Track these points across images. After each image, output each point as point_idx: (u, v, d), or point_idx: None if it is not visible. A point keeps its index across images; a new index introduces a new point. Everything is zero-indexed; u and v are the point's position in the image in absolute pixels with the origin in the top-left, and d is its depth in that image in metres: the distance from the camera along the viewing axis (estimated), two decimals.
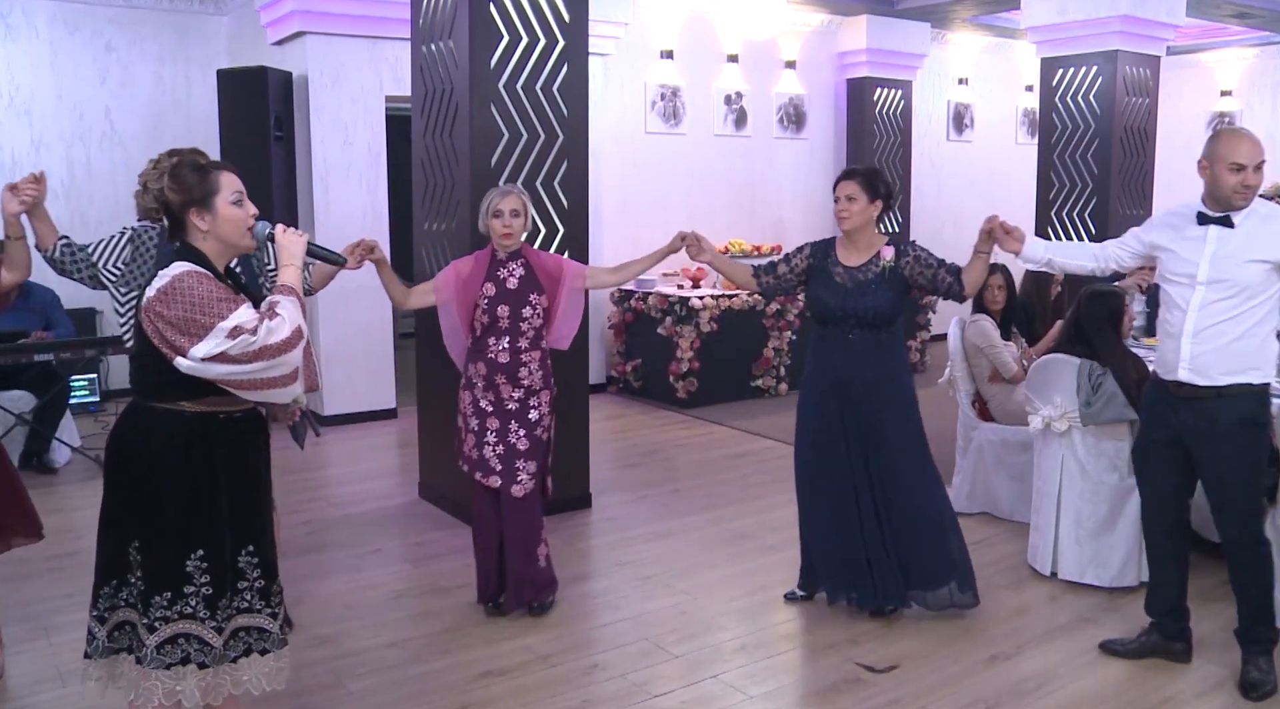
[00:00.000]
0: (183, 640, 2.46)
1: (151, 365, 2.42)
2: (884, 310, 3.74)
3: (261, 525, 2.63)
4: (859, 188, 3.76)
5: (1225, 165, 3.19)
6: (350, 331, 7.22)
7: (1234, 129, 3.30)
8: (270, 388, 2.41)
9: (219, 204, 2.49)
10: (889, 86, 9.97)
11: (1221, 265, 3.21)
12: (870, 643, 3.78)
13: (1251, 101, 11.44)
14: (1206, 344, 3.23)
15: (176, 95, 8.04)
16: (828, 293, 3.80)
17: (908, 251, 3.79)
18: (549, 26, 4.95)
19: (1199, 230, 3.28)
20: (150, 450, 2.45)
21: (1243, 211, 3.23)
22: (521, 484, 3.88)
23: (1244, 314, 3.21)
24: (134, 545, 2.46)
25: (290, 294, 2.49)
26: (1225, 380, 3.24)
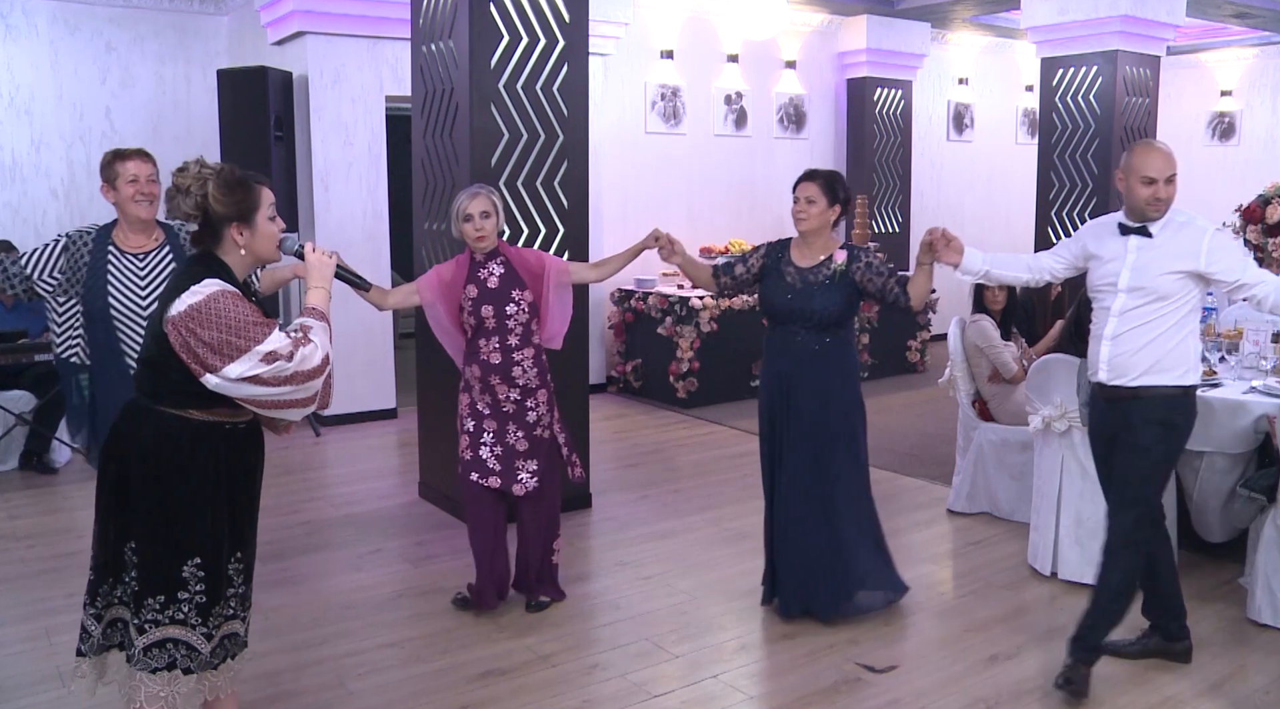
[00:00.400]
0: (170, 645, 2.46)
1: (168, 371, 2.42)
2: (831, 313, 3.75)
3: (252, 534, 2.65)
4: (819, 191, 3.78)
5: (1138, 178, 3.32)
6: (350, 331, 7.22)
7: (1148, 143, 3.42)
8: (289, 409, 2.45)
9: (259, 220, 2.50)
10: (889, 86, 9.97)
11: (1140, 274, 3.32)
12: (870, 643, 3.78)
13: (1251, 101, 11.44)
14: (1123, 346, 3.34)
15: (176, 95, 8.04)
16: (777, 293, 3.84)
17: (860, 257, 3.79)
18: (549, 26, 4.95)
19: (1120, 240, 3.40)
20: (154, 452, 2.45)
21: (1160, 222, 3.34)
22: (522, 483, 3.89)
23: (1160, 319, 3.30)
24: (130, 546, 2.46)
25: (322, 319, 2.52)
26: (1140, 382, 3.33)
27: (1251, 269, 3.31)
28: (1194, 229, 3.34)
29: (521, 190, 4.96)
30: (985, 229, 11.30)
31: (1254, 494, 3.98)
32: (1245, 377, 4.50)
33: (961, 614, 3.99)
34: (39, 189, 7.58)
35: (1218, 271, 3.29)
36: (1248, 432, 4.07)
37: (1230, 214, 6.80)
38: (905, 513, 5.26)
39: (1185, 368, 3.34)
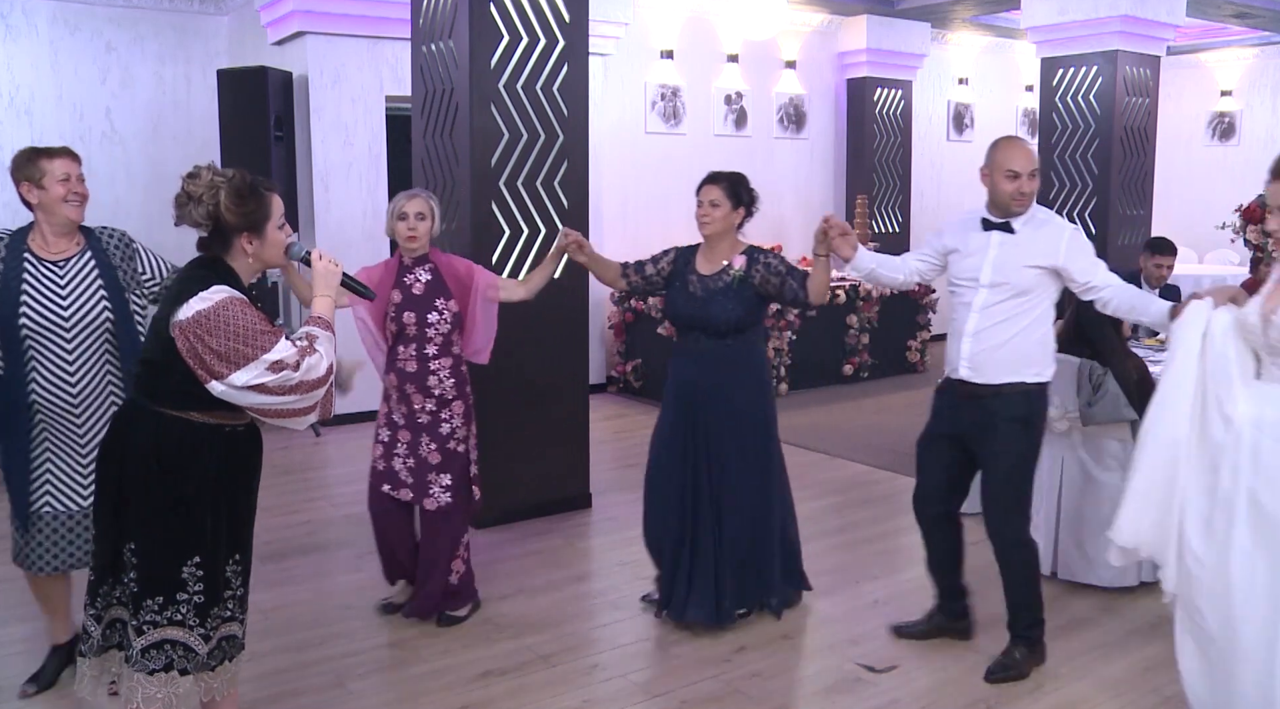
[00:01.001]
0: (168, 646, 2.46)
1: (171, 374, 2.41)
2: (732, 320, 3.70)
3: (249, 535, 2.65)
4: (723, 194, 3.73)
5: (1002, 173, 3.35)
6: (350, 332, 7.21)
7: (1011, 138, 3.46)
8: (291, 418, 2.45)
9: (269, 229, 2.50)
10: (889, 86, 9.98)
11: (1002, 269, 3.36)
12: (870, 643, 3.78)
13: (1251, 101, 11.44)
14: (984, 343, 3.38)
15: (176, 95, 8.03)
16: (681, 300, 3.80)
17: (758, 260, 3.75)
18: (549, 26, 4.95)
19: (983, 236, 3.43)
20: (153, 454, 2.45)
21: (1022, 218, 3.39)
22: (434, 497, 3.79)
23: (1020, 314, 3.36)
24: (130, 547, 2.46)
25: (327, 328, 2.52)
26: (1001, 379, 3.37)
27: (1103, 271, 3.38)
28: (1055, 226, 3.41)
29: (521, 190, 4.96)
30: None
31: None
32: None
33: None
34: None
35: (1074, 270, 3.35)
36: None
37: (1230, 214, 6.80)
38: (905, 513, 5.24)
39: (1042, 364, 3.42)
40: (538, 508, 5.13)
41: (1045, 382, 3.45)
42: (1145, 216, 8.52)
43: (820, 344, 8.41)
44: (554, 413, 5.15)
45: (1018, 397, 3.39)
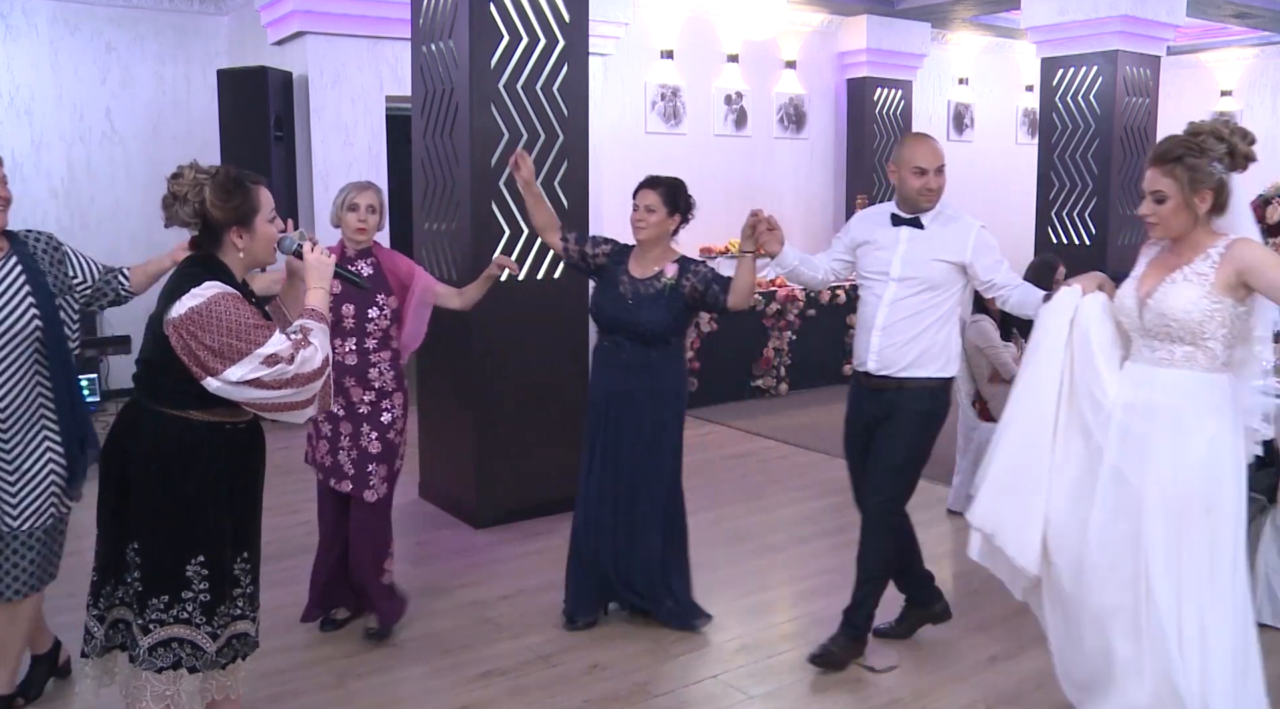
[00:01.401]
0: (175, 645, 2.46)
1: (168, 373, 2.41)
2: (659, 327, 3.68)
3: (256, 532, 2.65)
4: (660, 200, 3.71)
5: (909, 169, 3.45)
6: None
7: (918, 135, 3.58)
8: (290, 411, 2.44)
9: (258, 223, 2.49)
10: (889, 86, 9.97)
11: (911, 264, 3.43)
12: (870, 643, 3.77)
13: (1251, 101, 11.44)
14: (892, 337, 3.42)
15: (176, 95, 8.03)
16: (608, 300, 3.76)
17: (689, 268, 3.73)
18: (549, 26, 4.95)
19: (892, 231, 3.49)
20: (155, 453, 2.45)
21: (931, 214, 3.48)
22: (374, 489, 3.76)
23: (928, 309, 3.41)
24: (133, 546, 2.46)
25: (321, 320, 2.50)
26: (906, 373, 3.42)
27: (1005, 270, 3.43)
28: (963, 223, 3.48)
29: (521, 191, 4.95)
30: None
31: (1254, 494, 3.98)
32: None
33: (961, 614, 3.99)
34: (39, 189, 7.58)
35: (979, 267, 3.41)
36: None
37: None
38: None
39: (947, 359, 3.47)
40: (538, 508, 5.12)
41: (950, 377, 3.50)
42: None
43: (820, 344, 8.41)
44: (554, 413, 5.15)
45: (922, 392, 3.43)
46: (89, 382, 7.45)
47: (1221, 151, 2.72)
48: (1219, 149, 2.72)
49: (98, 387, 7.50)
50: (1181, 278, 2.75)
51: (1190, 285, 2.73)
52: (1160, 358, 2.80)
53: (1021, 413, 2.97)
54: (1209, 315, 2.71)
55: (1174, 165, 2.73)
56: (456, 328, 5.09)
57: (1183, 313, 2.72)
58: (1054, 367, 2.93)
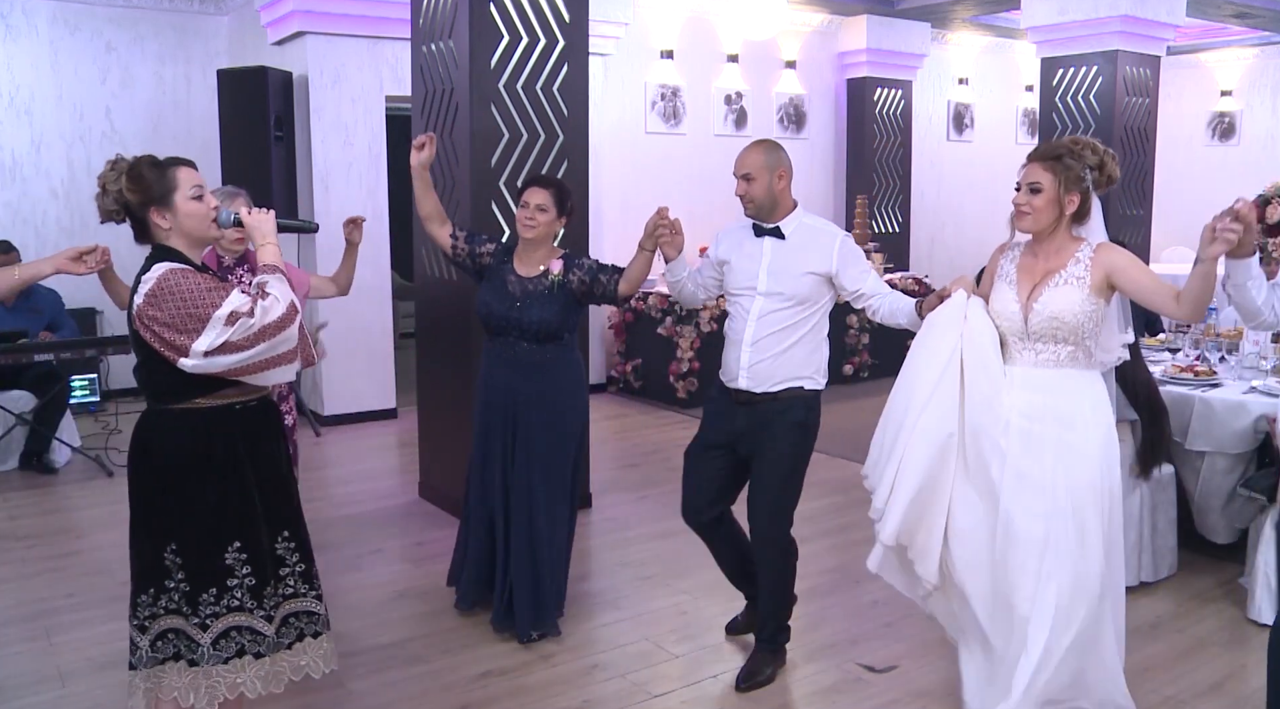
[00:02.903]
0: (235, 633, 2.48)
1: (159, 370, 2.42)
2: (550, 323, 3.68)
3: (293, 510, 2.65)
4: (550, 199, 3.69)
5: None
6: (350, 331, 7.22)
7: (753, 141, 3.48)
8: (275, 367, 2.43)
9: (178, 201, 2.48)
10: (889, 86, 9.97)
11: (777, 277, 3.34)
12: (870, 643, 3.78)
13: (1251, 101, 11.44)
14: (763, 353, 3.34)
15: (176, 95, 8.04)
16: (496, 299, 3.72)
17: (573, 263, 3.73)
18: (549, 26, 4.95)
19: (756, 242, 3.42)
20: (173, 452, 2.46)
21: (791, 222, 3.39)
22: None
23: (798, 323, 3.35)
24: (170, 548, 2.46)
25: (274, 272, 2.50)
26: (779, 387, 3.36)
27: (873, 280, 3.41)
28: (826, 233, 3.41)
29: None
30: (985, 229, 11.29)
31: (1254, 494, 3.98)
32: (1245, 376, 4.51)
33: None
34: (39, 189, 7.59)
35: (845, 277, 3.37)
36: (1248, 432, 4.08)
37: None
38: None
39: (818, 371, 3.44)
40: None
41: (820, 388, 3.45)
42: (1145, 216, 8.52)
43: None
44: None
45: (796, 402, 3.38)
46: (89, 381, 7.46)
47: (1094, 162, 2.96)
48: (1092, 160, 2.96)
49: (97, 387, 7.52)
50: (1063, 281, 2.97)
51: (1071, 288, 2.95)
52: (1045, 359, 3.00)
53: (926, 426, 3.03)
54: (1089, 316, 2.95)
55: (1054, 162, 2.97)
56: (456, 328, 5.09)
57: (1070, 315, 2.94)
58: (951, 382, 3.03)
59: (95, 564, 4.50)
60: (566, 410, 3.77)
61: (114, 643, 3.68)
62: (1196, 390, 4.26)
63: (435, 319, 5.33)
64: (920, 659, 3.66)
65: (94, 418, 7.21)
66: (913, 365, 3.15)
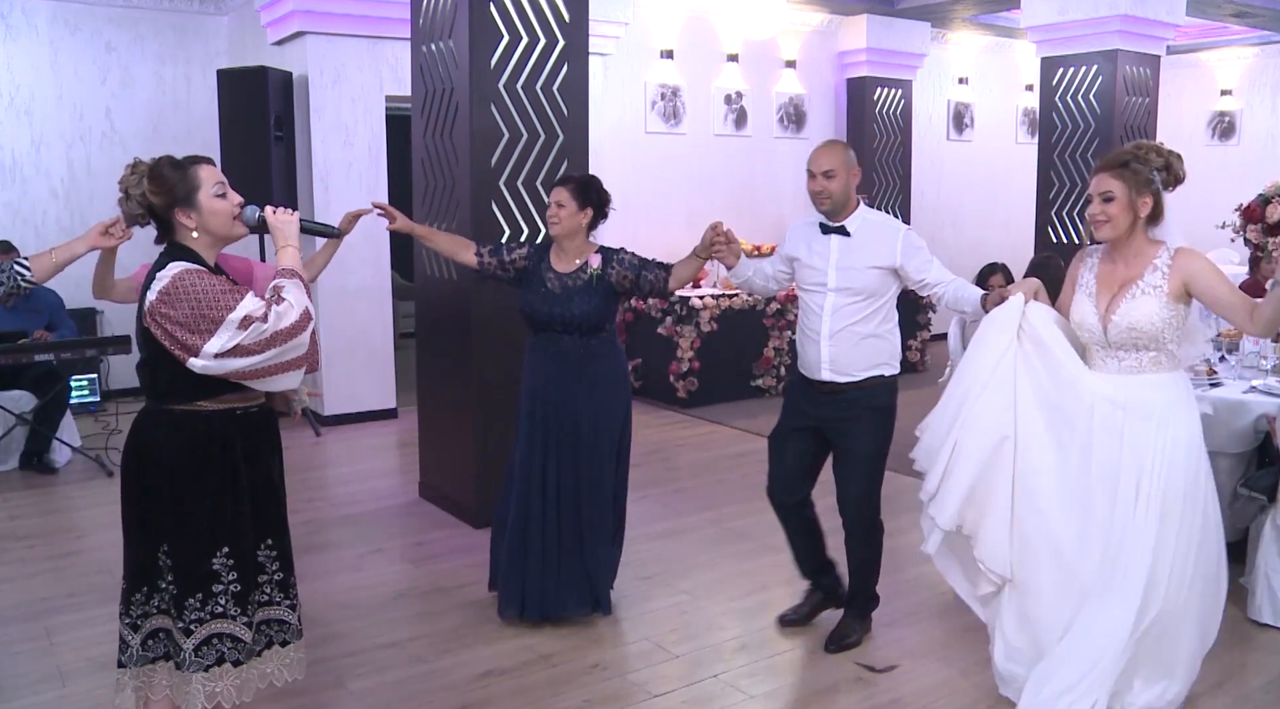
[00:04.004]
0: (216, 640, 2.48)
1: (164, 369, 2.42)
2: (592, 316, 3.80)
3: (279, 519, 2.65)
4: (569, 195, 3.80)
5: (807, 173, 3.56)
6: (350, 331, 7.22)
7: (824, 142, 3.63)
8: (283, 373, 2.43)
9: (202, 199, 2.48)
10: (889, 86, 9.97)
11: (845, 273, 3.52)
12: (870, 643, 3.78)
13: (1251, 101, 11.44)
14: (842, 345, 3.53)
15: (176, 95, 8.04)
16: (538, 298, 3.85)
17: (612, 258, 3.84)
18: (549, 26, 4.95)
19: (824, 240, 3.58)
20: (172, 453, 2.45)
21: (855, 219, 3.55)
22: None
23: (870, 315, 3.53)
24: (163, 550, 2.46)
25: (293, 276, 2.50)
26: (862, 375, 3.55)
27: (937, 268, 3.55)
28: (889, 228, 3.57)
29: (521, 190, 4.96)
30: (985, 229, 11.31)
31: (1254, 494, 3.98)
32: (1245, 376, 4.50)
33: (962, 614, 3.99)
34: (39, 189, 7.59)
35: (910, 268, 3.52)
36: (1248, 432, 4.07)
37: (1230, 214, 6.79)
38: (905, 513, 5.25)
39: (893, 357, 3.62)
40: None
41: (896, 373, 3.64)
42: None
43: None
44: None
45: (880, 388, 3.58)
46: (89, 381, 7.46)
47: (1160, 164, 3.04)
48: (1158, 162, 3.04)
49: (97, 387, 7.52)
50: (1140, 292, 3.05)
51: (1149, 298, 3.04)
52: (1128, 367, 3.10)
53: (979, 422, 3.17)
54: (1167, 323, 3.04)
55: (1122, 169, 3.04)
56: (456, 328, 5.09)
57: (1149, 324, 3.03)
58: (1006, 373, 3.16)
59: (95, 564, 4.50)
60: (611, 399, 3.87)
61: (114, 643, 3.64)
62: (1197, 390, 4.26)
63: (435, 319, 5.33)
64: (920, 659, 3.66)
65: (94, 418, 7.21)
66: (969, 360, 3.28)
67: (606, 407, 3.85)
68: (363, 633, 3.86)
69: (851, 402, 3.56)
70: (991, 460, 3.15)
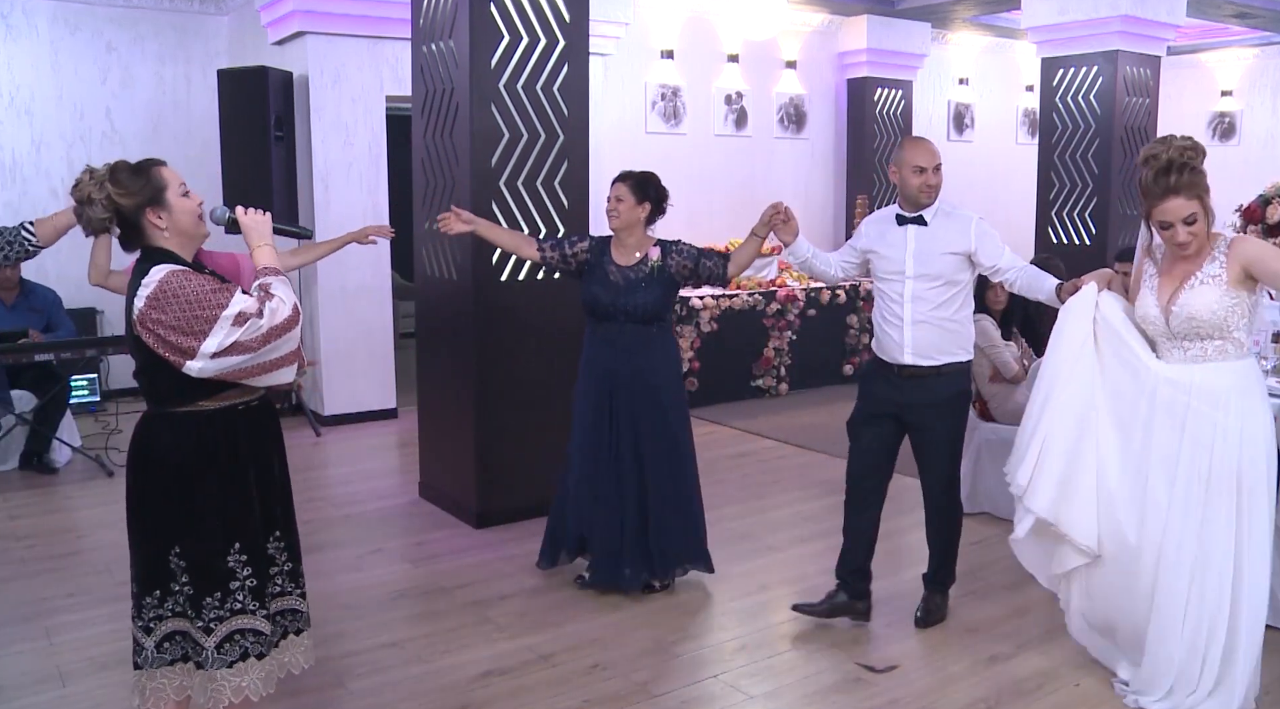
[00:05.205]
0: (238, 636, 2.49)
1: (162, 374, 2.41)
2: (652, 306, 4.01)
3: (286, 511, 2.65)
4: (628, 190, 4.03)
5: (910, 169, 3.69)
6: (350, 332, 7.22)
7: (916, 138, 3.82)
8: (278, 368, 2.44)
9: (171, 198, 2.48)
10: (889, 86, 9.97)
11: (923, 260, 3.67)
12: (870, 643, 3.78)
13: (1251, 101, 11.44)
14: (924, 330, 3.67)
15: (176, 95, 8.04)
16: (601, 289, 4.04)
17: (671, 250, 4.06)
18: (549, 26, 4.95)
19: (899, 231, 3.75)
20: (178, 456, 2.45)
21: (932, 210, 3.71)
22: None
23: (949, 300, 3.68)
24: (174, 551, 2.46)
25: (275, 274, 2.50)
26: (941, 360, 3.68)
27: (1008, 255, 3.69)
28: (962, 216, 3.72)
29: (521, 190, 4.96)
30: None
31: None
32: None
33: (961, 614, 3.99)
34: (39, 189, 7.59)
35: (983, 254, 3.67)
36: None
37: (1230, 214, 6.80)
38: (905, 513, 5.26)
39: (970, 342, 3.78)
40: (538, 508, 5.10)
41: (971, 358, 3.79)
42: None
43: (820, 344, 8.41)
44: (554, 412, 5.14)
45: (958, 374, 3.73)
46: (89, 381, 7.46)
47: (1202, 160, 3.07)
48: (1202, 158, 3.07)
49: (97, 387, 7.52)
50: (1198, 282, 3.07)
51: (1208, 287, 3.05)
52: (1194, 356, 3.11)
53: (1064, 407, 3.24)
54: (1230, 310, 3.04)
55: (1192, 186, 3.02)
56: (457, 328, 5.09)
57: (1209, 313, 3.04)
58: (1088, 361, 3.23)
59: (95, 564, 4.50)
60: (666, 382, 4.08)
61: (114, 643, 3.68)
62: None
63: (435, 319, 5.33)
64: (920, 659, 3.66)
65: (94, 418, 7.21)
66: (1051, 354, 3.34)
67: (660, 388, 4.05)
68: (363, 633, 3.86)
69: (931, 388, 3.68)
70: (1076, 446, 3.23)
